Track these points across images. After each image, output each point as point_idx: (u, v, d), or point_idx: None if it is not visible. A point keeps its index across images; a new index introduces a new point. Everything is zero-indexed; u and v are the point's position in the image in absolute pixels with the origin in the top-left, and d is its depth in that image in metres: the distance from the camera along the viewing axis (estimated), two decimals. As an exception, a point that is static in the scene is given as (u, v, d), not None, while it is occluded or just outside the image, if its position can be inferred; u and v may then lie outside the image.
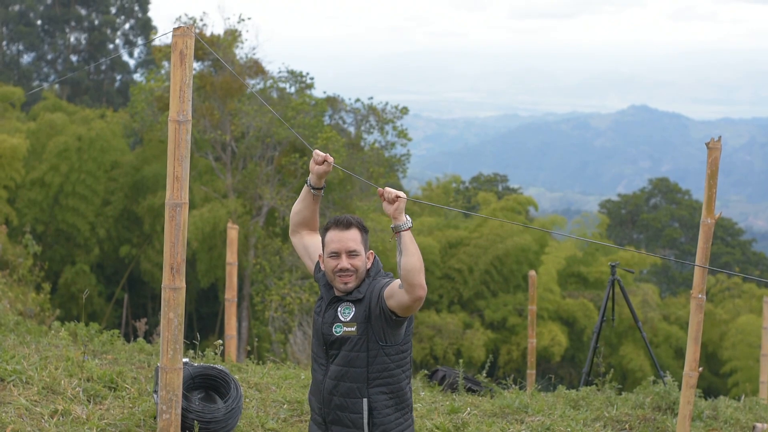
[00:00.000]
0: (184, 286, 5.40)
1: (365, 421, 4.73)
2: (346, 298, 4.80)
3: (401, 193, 4.63)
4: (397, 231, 4.58)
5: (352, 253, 4.78)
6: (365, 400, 4.73)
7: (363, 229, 4.87)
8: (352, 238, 4.79)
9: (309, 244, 5.13)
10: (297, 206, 5.14)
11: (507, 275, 33.32)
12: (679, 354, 32.10)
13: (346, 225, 4.81)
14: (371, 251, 4.90)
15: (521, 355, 30.67)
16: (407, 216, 4.62)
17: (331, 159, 4.93)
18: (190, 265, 31.46)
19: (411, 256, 4.51)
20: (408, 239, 4.55)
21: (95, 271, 33.75)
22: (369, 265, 4.88)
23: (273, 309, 27.56)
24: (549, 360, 31.60)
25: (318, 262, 5.05)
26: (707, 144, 6.62)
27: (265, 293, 28.32)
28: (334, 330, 4.78)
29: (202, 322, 35.64)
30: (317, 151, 4.96)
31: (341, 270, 4.76)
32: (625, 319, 30.66)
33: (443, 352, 29.57)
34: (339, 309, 4.80)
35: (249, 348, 13.54)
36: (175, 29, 5.18)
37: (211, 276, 30.85)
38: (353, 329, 4.73)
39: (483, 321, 32.15)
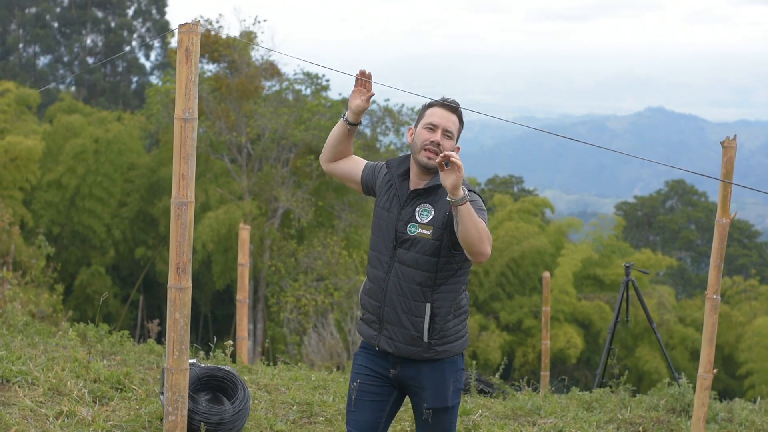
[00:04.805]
0: (191, 286, 5.33)
1: (426, 326, 4.57)
2: (424, 197, 4.64)
3: (461, 163, 4.35)
4: (456, 205, 4.34)
5: (447, 134, 4.65)
6: (428, 305, 4.57)
7: (462, 122, 4.74)
8: (453, 121, 4.67)
9: (349, 167, 4.96)
10: (332, 141, 4.92)
11: (523, 277, 33.23)
12: (695, 356, 31.90)
13: (453, 108, 4.70)
14: (458, 146, 4.74)
15: (537, 357, 30.55)
16: (463, 187, 4.36)
17: (371, 91, 4.76)
18: (206, 266, 31.46)
19: (469, 230, 4.32)
20: (465, 212, 4.32)
21: (111, 273, 33.81)
22: None
23: (288, 311, 27.54)
24: (564, 362, 31.48)
25: (365, 170, 4.91)
26: (722, 143, 6.52)
27: (281, 295, 28.30)
28: (408, 229, 4.62)
29: (218, 324, 35.68)
30: (362, 71, 4.79)
31: (432, 143, 4.61)
32: (641, 321, 30.48)
33: (459, 354, 29.45)
34: (417, 209, 4.63)
35: (261, 350, 13.49)
36: (180, 26, 5.10)
37: (226, 278, 30.87)
38: (428, 233, 4.57)
39: (498, 323, 32.06)
